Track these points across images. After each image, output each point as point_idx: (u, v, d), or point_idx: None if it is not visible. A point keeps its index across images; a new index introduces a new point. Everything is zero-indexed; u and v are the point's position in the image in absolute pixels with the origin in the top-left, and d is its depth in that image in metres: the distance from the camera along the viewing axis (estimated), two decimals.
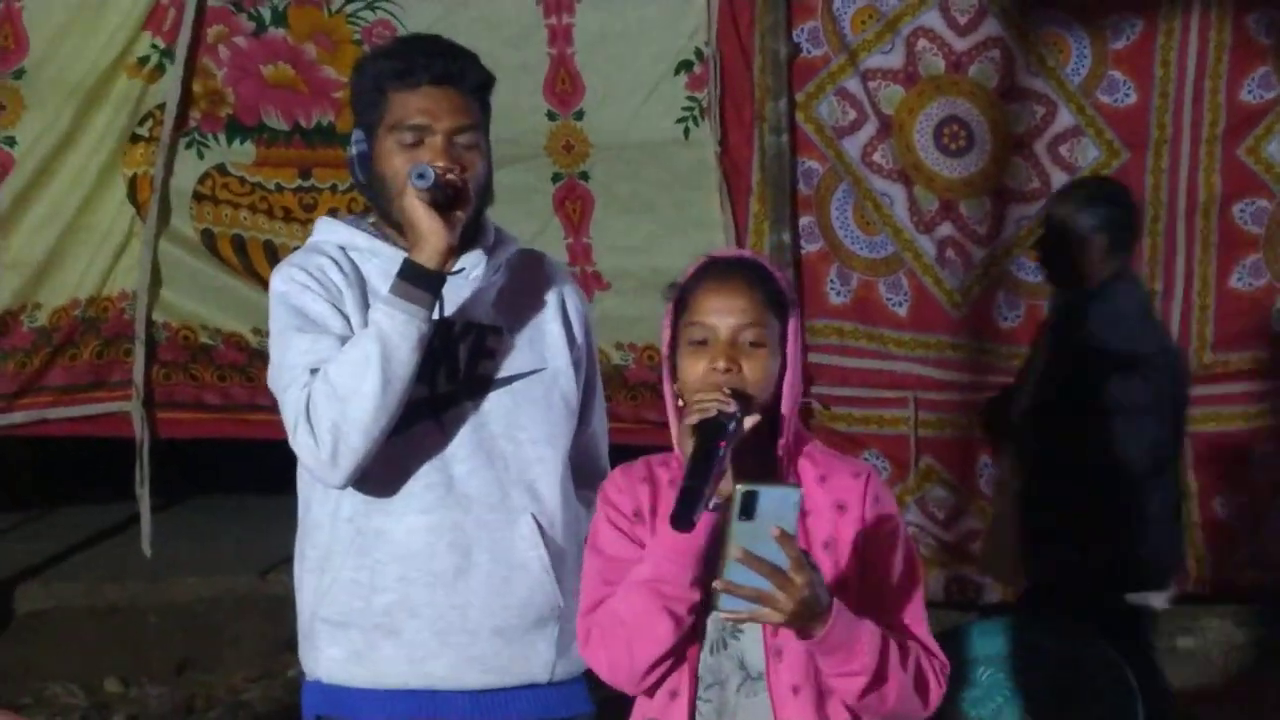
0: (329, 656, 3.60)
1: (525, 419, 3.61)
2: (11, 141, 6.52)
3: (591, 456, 3.80)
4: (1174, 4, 6.47)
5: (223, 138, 6.65)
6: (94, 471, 8.22)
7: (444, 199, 3.44)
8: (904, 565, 3.15)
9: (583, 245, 6.70)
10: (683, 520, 2.93)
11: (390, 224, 3.57)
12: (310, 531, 3.64)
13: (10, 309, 6.59)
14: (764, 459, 3.12)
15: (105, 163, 6.58)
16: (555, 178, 6.67)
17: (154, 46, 6.53)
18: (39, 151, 6.51)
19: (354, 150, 3.61)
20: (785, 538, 2.90)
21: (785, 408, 3.13)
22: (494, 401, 3.59)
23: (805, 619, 2.98)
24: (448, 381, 3.57)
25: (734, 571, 2.91)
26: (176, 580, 7.60)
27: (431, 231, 3.42)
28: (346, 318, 3.52)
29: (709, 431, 3.00)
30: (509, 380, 3.61)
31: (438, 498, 3.54)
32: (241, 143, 6.64)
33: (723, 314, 3.11)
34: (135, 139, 6.60)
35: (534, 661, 3.62)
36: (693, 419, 3.04)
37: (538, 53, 6.57)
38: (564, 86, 6.59)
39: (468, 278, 3.58)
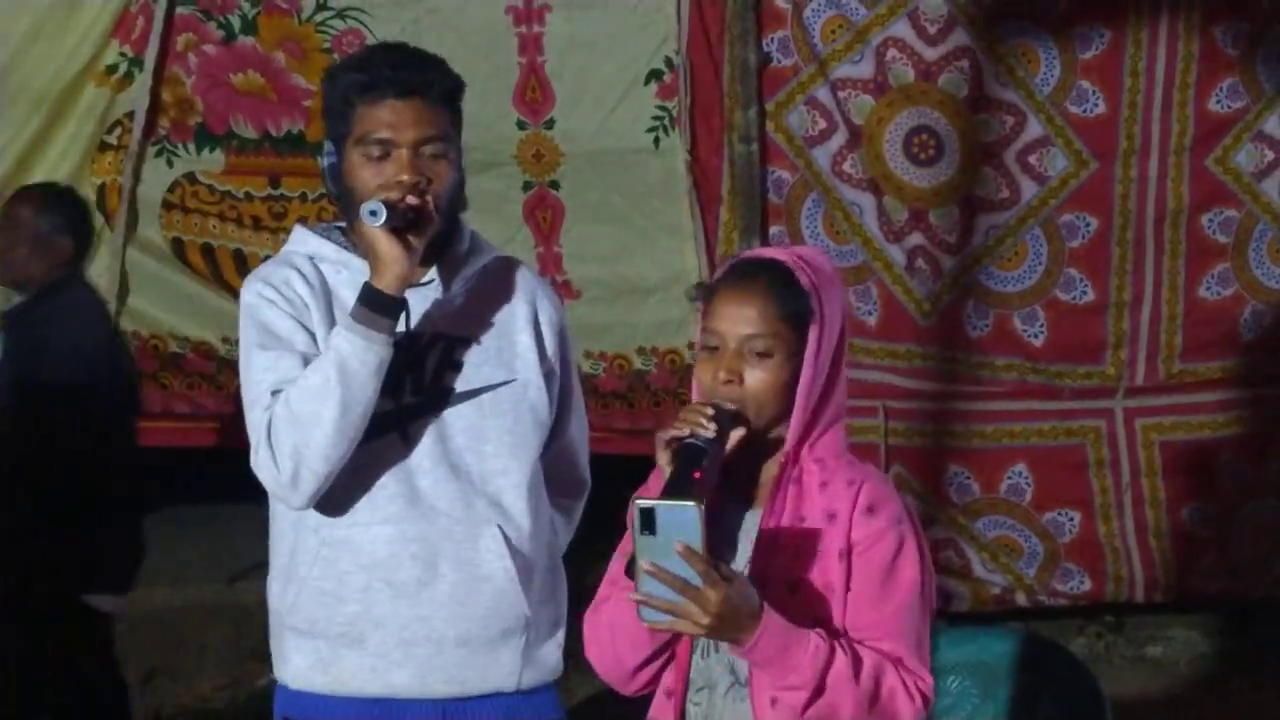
0: (295, 663, 3.62)
1: (491, 431, 3.60)
2: None
3: (568, 466, 3.80)
4: (1142, 15, 6.49)
5: (192, 146, 6.64)
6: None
7: (405, 223, 3.44)
8: (886, 576, 3.10)
9: (553, 254, 6.70)
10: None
11: (359, 235, 3.57)
12: (277, 540, 3.65)
13: None
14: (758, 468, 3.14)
15: (73, 171, 6.56)
16: (525, 186, 6.66)
17: (122, 55, 6.52)
18: (6, 159, 6.52)
19: (325, 162, 3.61)
20: (689, 553, 2.90)
21: (795, 417, 3.11)
22: (459, 413, 3.59)
23: (725, 631, 2.98)
24: (413, 393, 3.56)
25: (648, 584, 2.93)
26: (145, 589, 7.56)
27: (391, 259, 3.42)
28: (312, 334, 3.52)
29: (684, 456, 3.01)
30: (475, 393, 3.60)
31: (402, 509, 3.54)
32: (211, 151, 6.63)
33: (733, 322, 3.10)
34: (104, 147, 6.60)
35: (499, 671, 3.62)
36: (667, 437, 3.04)
37: (508, 61, 6.57)
38: (534, 95, 6.59)
39: (436, 289, 3.58)
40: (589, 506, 3.93)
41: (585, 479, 3.87)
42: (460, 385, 3.59)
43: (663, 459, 3.04)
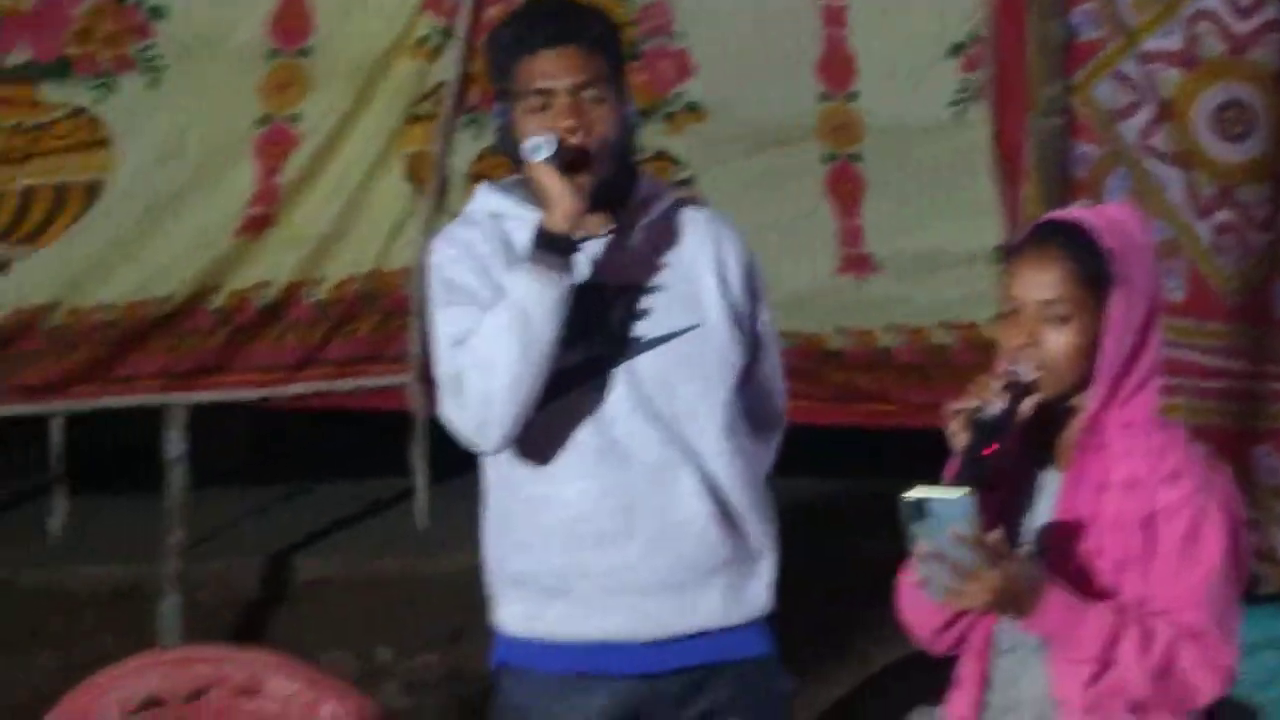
0: (510, 611, 3.75)
1: (681, 376, 3.66)
2: (297, 119, 6.63)
3: (764, 399, 3.84)
4: None
5: None
6: (364, 447, 8.39)
7: (569, 163, 3.51)
8: (1189, 546, 3.08)
9: (853, 227, 6.68)
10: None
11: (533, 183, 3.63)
12: (488, 495, 3.77)
13: (293, 282, 6.72)
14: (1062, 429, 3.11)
15: (385, 141, 6.68)
16: (826, 159, 6.66)
17: (434, 27, 6.62)
18: (323, 129, 6.62)
19: (496, 122, 3.71)
20: (965, 539, 2.90)
21: (1098, 382, 3.09)
22: (649, 361, 3.65)
23: (1007, 607, 2.97)
24: (603, 344, 3.63)
25: (928, 567, 2.98)
26: (450, 552, 7.72)
27: (559, 196, 3.51)
28: (496, 287, 3.59)
29: (976, 430, 3.02)
30: (664, 339, 3.66)
31: (600, 460, 3.62)
32: None
33: (1031, 286, 3.09)
34: (414, 118, 6.70)
35: (704, 610, 3.69)
36: (957, 409, 3.05)
37: (810, 35, 6.56)
38: (837, 68, 6.58)
39: (618, 237, 3.66)
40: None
41: (781, 412, 3.91)
42: (649, 333, 3.65)
43: (955, 430, 3.05)
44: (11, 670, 7.07)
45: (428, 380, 6.79)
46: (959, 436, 3.03)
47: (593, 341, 3.62)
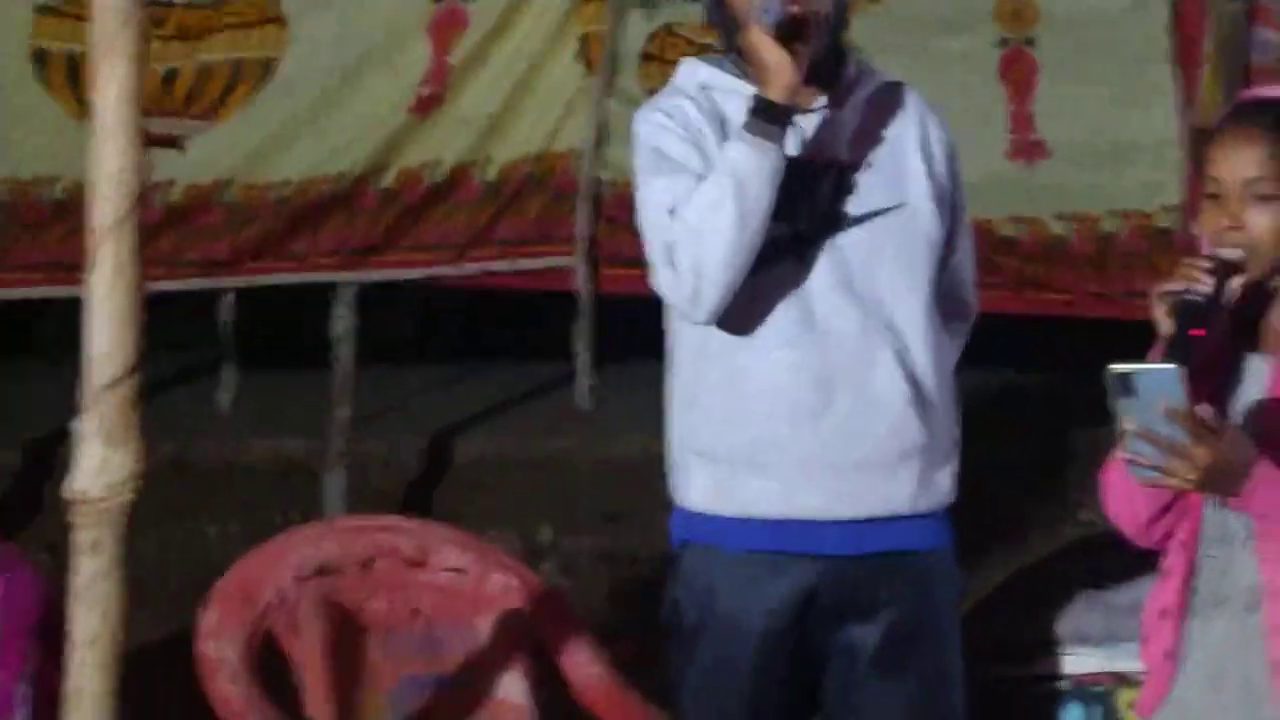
0: (698, 486, 3.67)
1: (886, 256, 3.62)
2: None
3: (957, 286, 3.79)
4: None
5: None
6: (528, 328, 8.43)
7: (789, 32, 3.47)
8: None
9: (1026, 113, 6.62)
10: None
11: (748, 61, 3.59)
12: (678, 367, 3.72)
13: (462, 163, 6.76)
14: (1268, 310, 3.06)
15: (556, 21, 6.70)
16: (1001, 43, 6.60)
17: None
18: (495, 9, 6.66)
19: None
20: (1173, 413, 2.86)
21: None
22: (854, 238, 3.61)
23: (1217, 486, 2.93)
24: (808, 219, 3.59)
25: (1135, 444, 2.90)
26: (611, 435, 7.75)
27: (779, 65, 3.46)
28: (707, 156, 3.57)
29: (1182, 312, 2.97)
30: (869, 217, 3.62)
31: (800, 334, 3.58)
32: (690, 3, 6.70)
33: (1233, 165, 3.01)
34: None
35: (897, 494, 3.65)
36: (1161, 292, 3.00)
37: None
38: None
39: (827, 114, 3.62)
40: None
41: (972, 301, 3.86)
42: (854, 210, 3.61)
43: (1160, 315, 3.00)
44: (181, 542, 7.19)
45: (594, 262, 6.86)
46: (1164, 321, 2.98)
47: (798, 216, 3.58)
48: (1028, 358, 7.19)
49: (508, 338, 9.22)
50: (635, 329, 8.53)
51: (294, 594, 4.52)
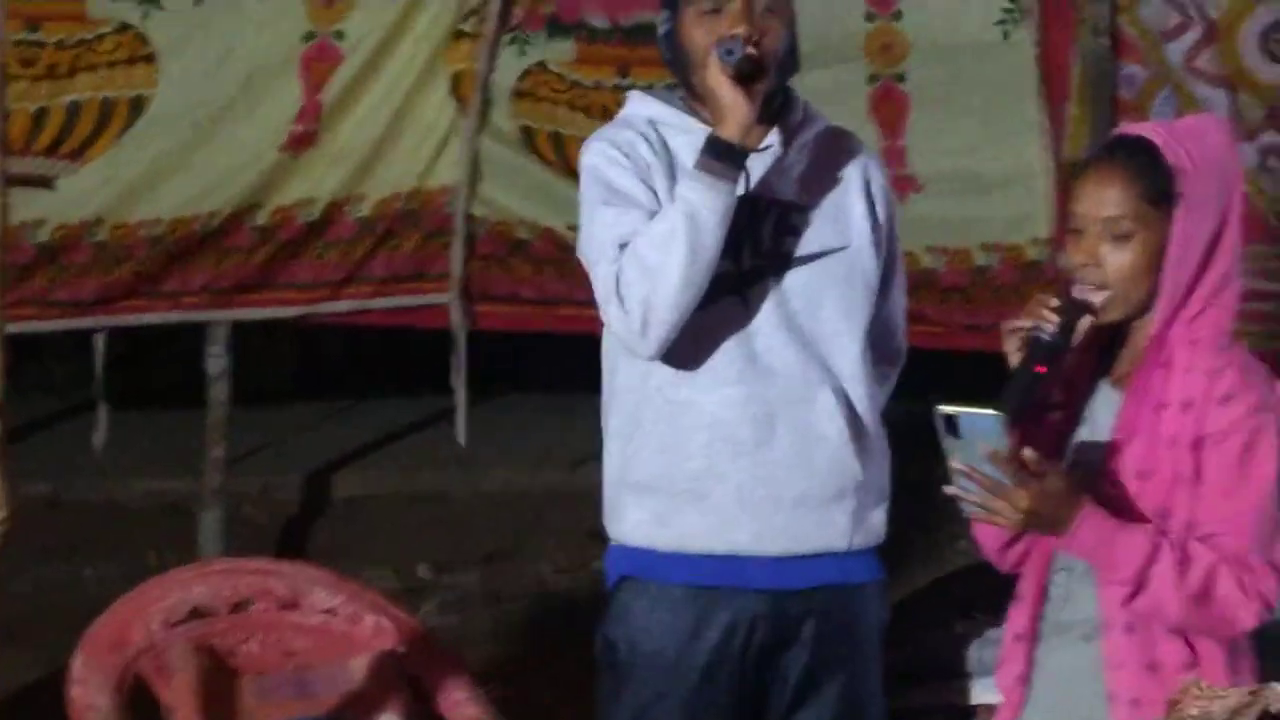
0: (633, 520, 3.70)
1: (828, 296, 3.66)
2: (341, 35, 6.62)
3: (888, 334, 3.83)
4: None
5: (543, 35, 6.71)
6: (405, 365, 8.41)
7: (746, 72, 3.49)
8: (1238, 470, 3.04)
9: (898, 148, 6.65)
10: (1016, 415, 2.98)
11: (697, 99, 3.63)
12: (618, 398, 3.73)
13: (335, 200, 6.72)
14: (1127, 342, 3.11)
15: (428, 58, 6.66)
16: (871, 79, 6.64)
17: None
18: (366, 46, 6.62)
19: (661, 30, 3.68)
20: (996, 456, 2.91)
21: (1161, 301, 3.07)
22: (797, 278, 3.65)
23: (1038, 526, 2.99)
24: (752, 257, 3.63)
25: (960, 481, 2.99)
26: (488, 471, 7.75)
27: (734, 105, 3.48)
28: (654, 192, 3.59)
29: (1030, 349, 3.02)
30: (812, 258, 3.66)
31: (741, 371, 3.61)
32: (562, 40, 6.72)
33: (1093, 203, 3.06)
34: (459, 35, 6.68)
35: (832, 530, 3.68)
36: (1011, 328, 3.05)
37: None
38: None
39: (774, 154, 3.65)
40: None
41: (902, 348, 3.90)
42: (798, 250, 3.65)
43: (1010, 349, 3.05)
44: (56, 583, 7.13)
45: (469, 298, 6.85)
46: (1013, 355, 3.02)
47: (742, 253, 3.62)
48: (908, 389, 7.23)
49: (386, 374, 9.21)
50: (510, 363, 8.55)
51: (164, 639, 4.49)
